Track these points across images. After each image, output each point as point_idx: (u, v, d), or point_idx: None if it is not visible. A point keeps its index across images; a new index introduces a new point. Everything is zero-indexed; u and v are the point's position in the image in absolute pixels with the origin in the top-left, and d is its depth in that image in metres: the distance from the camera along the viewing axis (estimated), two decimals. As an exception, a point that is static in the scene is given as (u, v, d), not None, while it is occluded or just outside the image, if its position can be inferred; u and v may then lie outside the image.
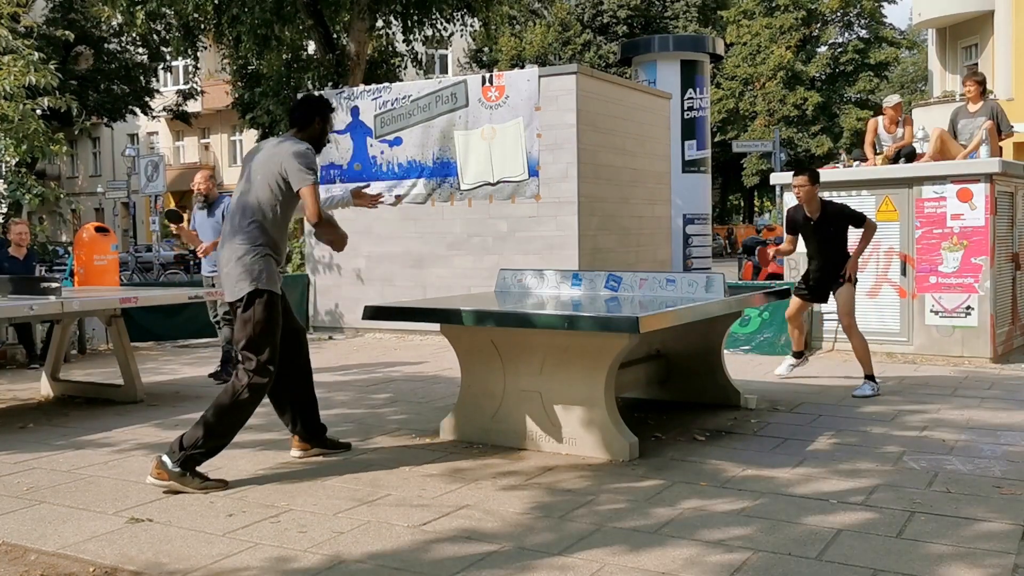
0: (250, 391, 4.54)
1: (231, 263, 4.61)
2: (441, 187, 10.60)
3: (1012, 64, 22.53)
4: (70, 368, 8.70)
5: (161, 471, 4.41)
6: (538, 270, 6.34)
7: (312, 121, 4.85)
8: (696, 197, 14.92)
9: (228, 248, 4.66)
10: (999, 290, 8.53)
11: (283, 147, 4.64)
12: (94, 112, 31.99)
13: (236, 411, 4.56)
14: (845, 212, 7.10)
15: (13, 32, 11.08)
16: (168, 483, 4.41)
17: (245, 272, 4.57)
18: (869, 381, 6.86)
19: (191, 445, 4.45)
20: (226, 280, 4.65)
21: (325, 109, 4.92)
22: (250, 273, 4.57)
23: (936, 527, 3.77)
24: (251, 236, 4.60)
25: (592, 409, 4.96)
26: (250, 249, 4.59)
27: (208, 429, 4.49)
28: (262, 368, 4.56)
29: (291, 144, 4.65)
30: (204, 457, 4.53)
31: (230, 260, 4.62)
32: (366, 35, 16.82)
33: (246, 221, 4.63)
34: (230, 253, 4.63)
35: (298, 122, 4.85)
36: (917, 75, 49.43)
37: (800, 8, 39.14)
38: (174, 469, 4.41)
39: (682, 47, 15.62)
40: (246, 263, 4.58)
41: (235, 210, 4.70)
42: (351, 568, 3.43)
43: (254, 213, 4.62)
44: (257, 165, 4.69)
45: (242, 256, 4.58)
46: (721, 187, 47.44)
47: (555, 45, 39.14)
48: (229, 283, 4.63)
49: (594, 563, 3.43)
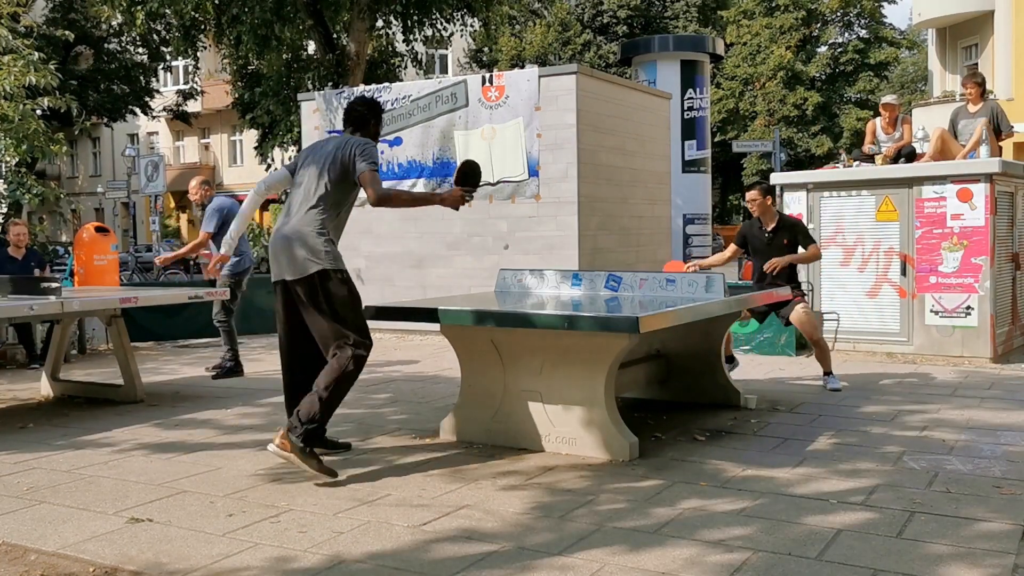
0: (355, 363, 4.71)
1: (295, 246, 4.75)
2: (441, 187, 10.60)
3: (1012, 64, 22.52)
4: (70, 368, 8.70)
5: (285, 441, 4.56)
6: (538, 270, 6.33)
7: (368, 124, 5.08)
8: (696, 197, 14.94)
9: (291, 233, 4.79)
10: (999, 290, 8.53)
11: (350, 141, 4.88)
12: (94, 112, 32.01)
13: (345, 383, 4.72)
14: (800, 228, 7.18)
15: (13, 32, 11.09)
16: (288, 455, 4.55)
17: (312, 253, 4.73)
18: (831, 376, 7.00)
19: (309, 420, 4.60)
20: (290, 261, 4.76)
21: (379, 111, 5.18)
22: (318, 254, 4.73)
23: (936, 527, 3.77)
24: (317, 221, 4.78)
25: (592, 409, 4.96)
26: (318, 232, 4.76)
27: (324, 403, 4.65)
28: (359, 342, 4.74)
29: (357, 139, 4.90)
30: (319, 430, 4.76)
31: (294, 242, 4.76)
32: (366, 35, 16.83)
33: (311, 207, 4.81)
34: (294, 237, 4.77)
35: (355, 123, 5.06)
36: (917, 75, 49.43)
37: (800, 8, 39.13)
38: (298, 443, 4.54)
39: (682, 47, 15.63)
40: (314, 245, 4.74)
41: (300, 199, 4.87)
42: (351, 568, 3.44)
43: (320, 200, 4.81)
44: (322, 157, 4.88)
45: (308, 239, 4.74)
46: (721, 187, 47.41)
47: (555, 45, 39.14)
48: (295, 263, 4.74)
49: (594, 563, 3.43)
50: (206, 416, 6.38)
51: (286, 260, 4.80)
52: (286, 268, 4.80)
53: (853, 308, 8.91)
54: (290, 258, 4.77)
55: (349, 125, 5.07)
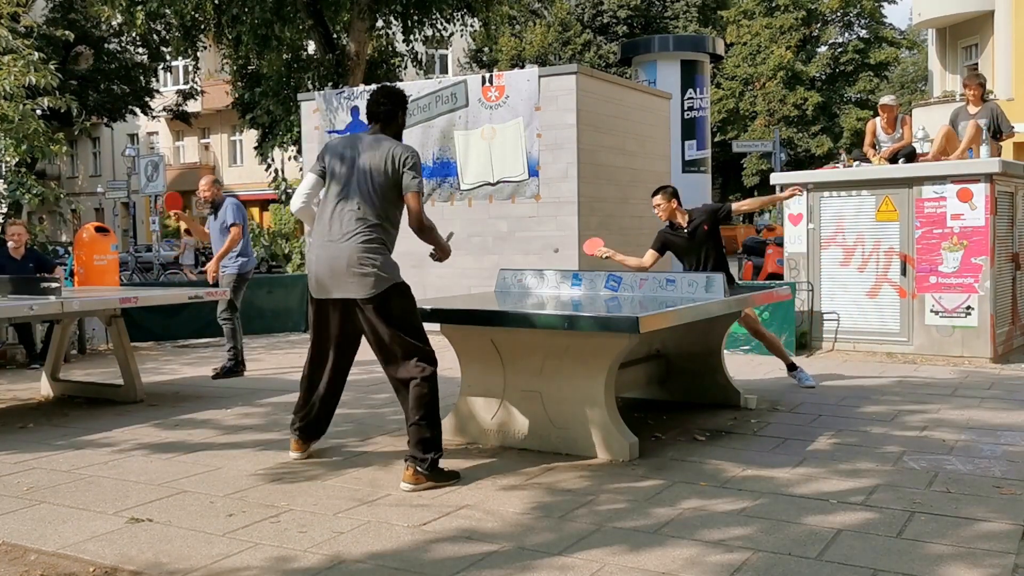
0: (431, 377, 4.58)
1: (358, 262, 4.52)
2: (441, 187, 10.60)
3: (1012, 64, 22.52)
4: (70, 368, 8.70)
5: (418, 476, 4.44)
6: (538, 270, 6.34)
7: (396, 118, 4.84)
8: (696, 197, 14.91)
9: (349, 248, 4.54)
10: (999, 290, 8.53)
11: (393, 150, 4.61)
12: (94, 112, 32.03)
13: (434, 397, 4.58)
14: (710, 207, 7.11)
15: (13, 32, 11.09)
16: (426, 485, 4.43)
17: (382, 268, 4.55)
18: (798, 371, 7.09)
19: (431, 448, 4.50)
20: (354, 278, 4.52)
21: (405, 102, 4.92)
22: (386, 269, 4.57)
23: (936, 527, 3.77)
24: (375, 234, 4.58)
25: (592, 409, 4.96)
26: (379, 246, 4.58)
27: (432, 426, 4.54)
28: (426, 356, 4.59)
29: (400, 147, 4.64)
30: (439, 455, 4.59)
31: (355, 258, 4.52)
32: (366, 35, 16.83)
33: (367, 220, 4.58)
34: (354, 253, 4.52)
35: (382, 117, 4.78)
36: (917, 75, 49.42)
37: (800, 8, 39.14)
38: (428, 472, 4.46)
39: (682, 47, 15.65)
40: (378, 259, 4.55)
41: (349, 208, 4.59)
42: (351, 568, 3.44)
43: (374, 211, 4.59)
44: (364, 162, 4.61)
45: (370, 254, 4.53)
46: (721, 187, 47.39)
47: (555, 45, 39.14)
48: (362, 280, 4.52)
49: (594, 563, 3.43)
50: (206, 416, 6.38)
51: (348, 277, 4.52)
52: (349, 286, 4.53)
53: (853, 308, 8.91)
54: (353, 275, 4.51)
55: (376, 121, 4.78)
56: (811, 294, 9.02)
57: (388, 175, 4.58)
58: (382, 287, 4.52)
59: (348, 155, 4.69)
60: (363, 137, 4.75)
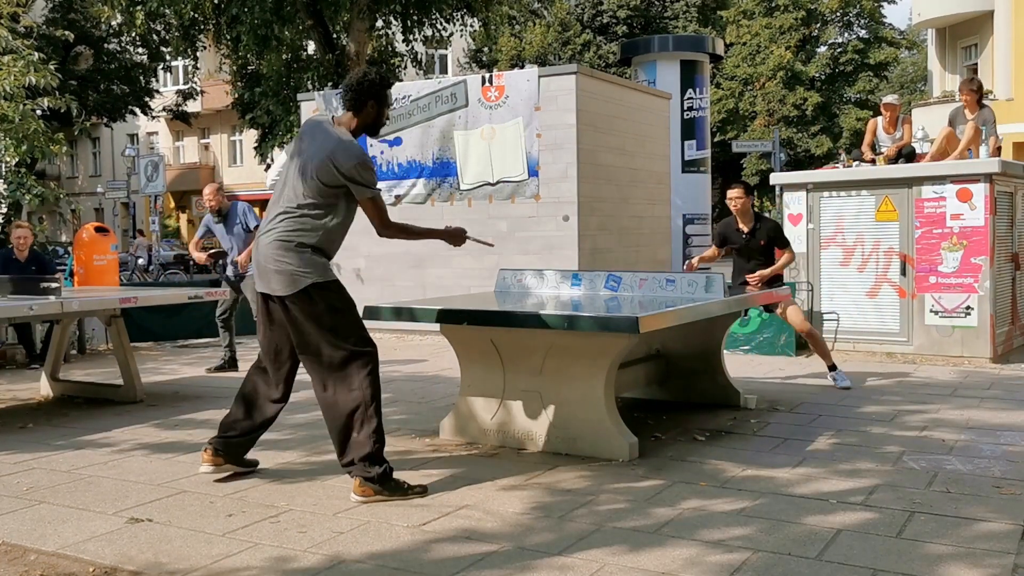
0: (370, 379, 4.29)
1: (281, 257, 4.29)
2: (441, 187, 10.60)
3: (1012, 64, 22.53)
4: (70, 368, 8.70)
5: (365, 488, 4.23)
6: (538, 270, 6.33)
7: (365, 105, 4.43)
8: (696, 197, 14.94)
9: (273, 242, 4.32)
10: (999, 290, 8.53)
11: (338, 148, 4.28)
12: (94, 112, 32.01)
13: (374, 402, 4.28)
14: (777, 229, 7.20)
15: (13, 32, 11.08)
16: (375, 499, 4.22)
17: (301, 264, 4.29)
18: (838, 371, 7.08)
19: (374, 460, 4.24)
20: (276, 274, 4.30)
21: (380, 90, 4.43)
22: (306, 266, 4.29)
23: (936, 527, 3.77)
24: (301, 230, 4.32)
25: (592, 409, 4.96)
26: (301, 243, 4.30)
27: (373, 434, 4.27)
28: (360, 352, 4.30)
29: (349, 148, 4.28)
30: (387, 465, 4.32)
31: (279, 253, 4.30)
32: (366, 35, 16.83)
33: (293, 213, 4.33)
34: (278, 247, 4.30)
35: (351, 106, 4.43)
36: (917, 75, 49.42)
37: (800, 8, 39.12)
38: (377, 486, 4.24)
39: (682, 47, 15.64)
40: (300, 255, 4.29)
41: (284, 200, 4.37)
42: (351, 568, 3.43)
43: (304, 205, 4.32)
44: (310, 153, 4.33)
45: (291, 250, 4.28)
46: (721, 187, 47.35)
47: (555, 45, 39.13)
48: (282, 277, 4.29)
49: (594, 563, 3.43)
50: (206, 416, 6.37)
51: (270, 272, 4.32)
52: (273, 282, 4.32)
53: (853, 308, 8.91)
54: (271, 272, 4.31)
55: (346, 108, 4.44)
56: (811, 294, 9.02)
57: (319, 174, 4.26)
58: (300, 286, 4.26)
59: (300, 143, 4.46)
60: (322, 124, 4.45)
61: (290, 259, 4.28)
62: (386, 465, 4.29)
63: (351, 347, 4.31)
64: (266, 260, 4.34)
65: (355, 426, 4.27)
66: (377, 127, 4.54)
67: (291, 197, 4.35)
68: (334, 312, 4.34)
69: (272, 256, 4.31)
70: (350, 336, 4.33)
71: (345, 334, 4.32)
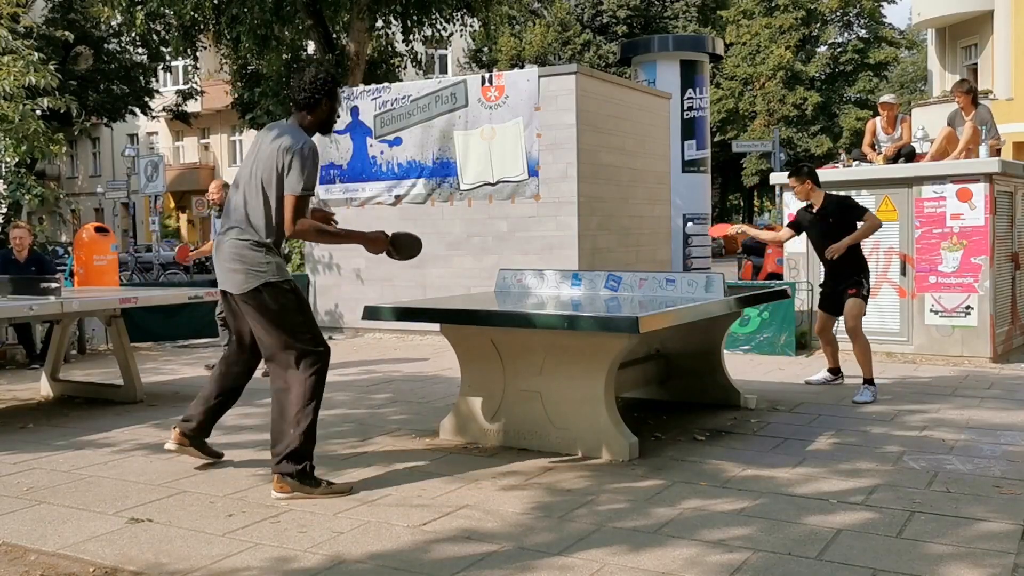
0: (316, 377, 4.45)
1: (235, 258, 4.44)
2: (441, 187, 10.60)
3: (1012, 64, 22.51)
4: (70, 368, 8.70)
5: (283, 484, 4.35)
6: (538, 270, 6.33)
7: (319, 104, 4.51)
8: (696, 197, 14.94)
9: (230, 243, 4.47)
10: (999, 290, 8.53)
11: (289, 149, 4.35)
12: (94, 112, 32.00)
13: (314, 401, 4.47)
14: (846, 203, 6.88)
15: (13, 32, 11.09)
16: (293, 495, 4.33)
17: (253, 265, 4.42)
18: (869, 386, 6.66)
19: (296, 457, 4.36)
20: (231, 273, 4.46)
21: (333, 87, 4.56)
22: (259, 266, 4.42)
23: (936, 527, 3.77)
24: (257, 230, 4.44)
25: (592, 409, 4.96)
26: (255, 243, 4.42)
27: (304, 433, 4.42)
28: (309, 351, 4.43)
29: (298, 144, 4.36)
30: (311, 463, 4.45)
31: (234, 254, 4.44)
32: (366, 35, 16.82)
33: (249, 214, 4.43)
34: (233, 248, 4.45)
35: (304, 105, 4.51)
36: (917, 75, 49.43)
37: (800, 8, 39.14)
38: (296, 482, 4.36)
39: (682, 47, 15.64)
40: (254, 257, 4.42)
41: (237, 202, 4.48)
42: (351, 568, 3.44)
43: (258, 207, 4.42)
44: (263, 155, 4.43)
45: (246, 250, 4.41)
46: (721, 187, 47.43)
47: (555, 45, 39.14)
48: (235, 276, 4.45)
49: (594, 563, 3.43)
50: (206, 416, 6.36)
51: (225, 272, 4.47)
52: (226, 281, 4.49)
53: (853, 308, 8.90)
54: (228, 271, 4.44)
55: (297, 108, 4.52)
56: (811, 294, 9.02)
57: (273, 170, 4.35)
58: (252, 284, 4.38)
59: (256, 145, 4.56)
60: (276, 125, 4.61)
61: (246, 258, 4.42)
62: (306, 463, 4.40)
63: (301, 346, 4.42)
64: (224, 259, 4.48)
65: (291, 422, 4.40)
66: (330, 125, 4.65)
67: (251, 196, 4.44)
68: (286, 311, 4.44)
69: (229, 255, 4.46)
70: (304, 335, 4.45)
71: (297, 333, 4.44)
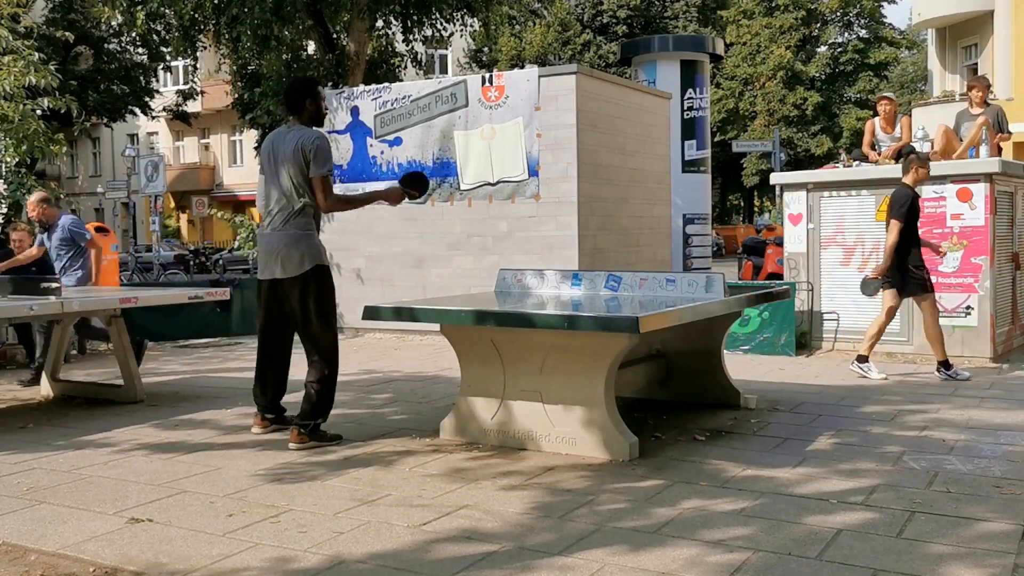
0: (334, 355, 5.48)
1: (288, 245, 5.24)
2: (441, 187, 10.60)
3: (1012, 64, 22.54)
4: (70, 368, 8.70)
5: (301, 436, 5.26)
6: (538, 270, 6.33)
7: (303, 105, 5.30)
8: (696, 197, 14.91)
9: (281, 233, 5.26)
10: (999, 290, 8.53)
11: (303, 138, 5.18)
12: (94, 112, 32.01)
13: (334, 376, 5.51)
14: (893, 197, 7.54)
15: (13, 32, 11.09)
16: (309, 443, 5.27)
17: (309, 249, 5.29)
18: (954, 369, 7.40)
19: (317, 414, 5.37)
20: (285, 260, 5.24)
21: (312, 87, 5.36)
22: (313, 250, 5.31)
23: (936, 527, 3.77)
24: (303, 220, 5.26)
25: (592, 409, 4.96)
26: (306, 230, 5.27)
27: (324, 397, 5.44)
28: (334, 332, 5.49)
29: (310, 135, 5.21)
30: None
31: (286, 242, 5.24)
32: (366, 35, 16.82)
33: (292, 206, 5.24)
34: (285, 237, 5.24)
35: (293, 109, 5.33)
36: (917, 75, 49.46)
37: (800, 8, 39.15)
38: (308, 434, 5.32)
39: (682, 47, 15.61)
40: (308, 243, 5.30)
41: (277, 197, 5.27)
42: (351, 568, 3.44)
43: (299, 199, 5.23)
44: (288, 154, 5.20)
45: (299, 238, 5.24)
46: (721, 187, 47.45)
47: (555, 45, 39.14)
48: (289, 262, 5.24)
49: (594, 563, 3.43)
50: (206, 416, 6.38)
51: (275, 261, 5.26)
52: (278, 267, 5.26)
53: (853, 308, 8.91)
54: (285, 257, 5.23)
55: (291, 114, 5.34)
56: (811, 294, 9.02)
57: (299, 164, 5.17)
58: (308, 265, 5.23)
59: (271, 151, 5.31)
60: (282, 131, 5.34)
61: (301, 242, 5.22)
62: (320, 419, 5.39)
63: (335, 325, 5.42)
64: (278, 246, 5.25)
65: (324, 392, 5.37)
66: (320, 118, 5.41)
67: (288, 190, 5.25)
68: (330, 292, 5.36)
69: (285, 242, 5.23)
70: (334, 316, 5.41)
71: (331, 315, 5.36)
